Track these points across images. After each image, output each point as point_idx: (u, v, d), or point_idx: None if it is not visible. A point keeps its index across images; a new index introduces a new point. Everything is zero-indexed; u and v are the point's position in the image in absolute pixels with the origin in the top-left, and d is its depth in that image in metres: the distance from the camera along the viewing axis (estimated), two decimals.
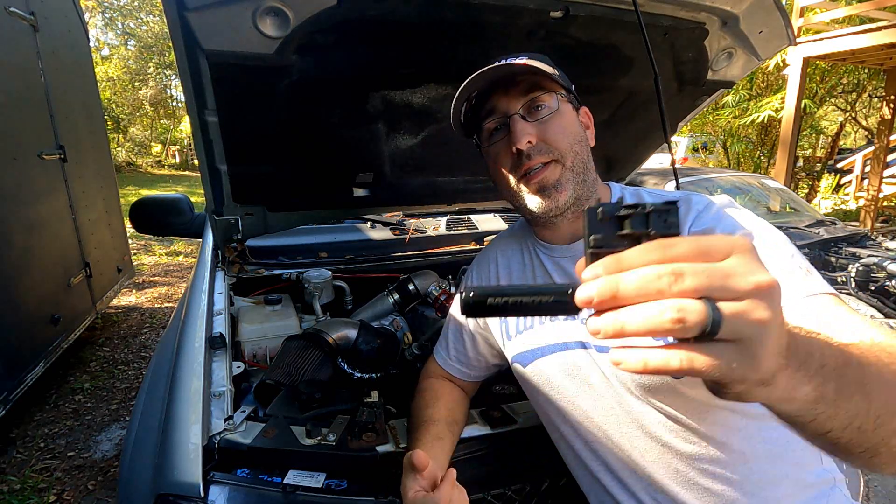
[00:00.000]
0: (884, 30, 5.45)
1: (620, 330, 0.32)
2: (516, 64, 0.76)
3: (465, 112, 0.84)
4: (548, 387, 0.80)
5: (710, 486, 0.68)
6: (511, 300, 0.37)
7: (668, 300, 0.31)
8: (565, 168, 0.77)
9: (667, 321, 0.30)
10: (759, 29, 1.31)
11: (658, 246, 0.32)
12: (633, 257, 0.33)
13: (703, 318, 0.30)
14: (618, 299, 0.32)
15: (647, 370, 0.32)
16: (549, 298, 0.36)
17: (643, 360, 0.33)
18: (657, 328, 0.30)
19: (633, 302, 0.32)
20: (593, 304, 0.33)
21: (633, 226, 0.35)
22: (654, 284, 0.31)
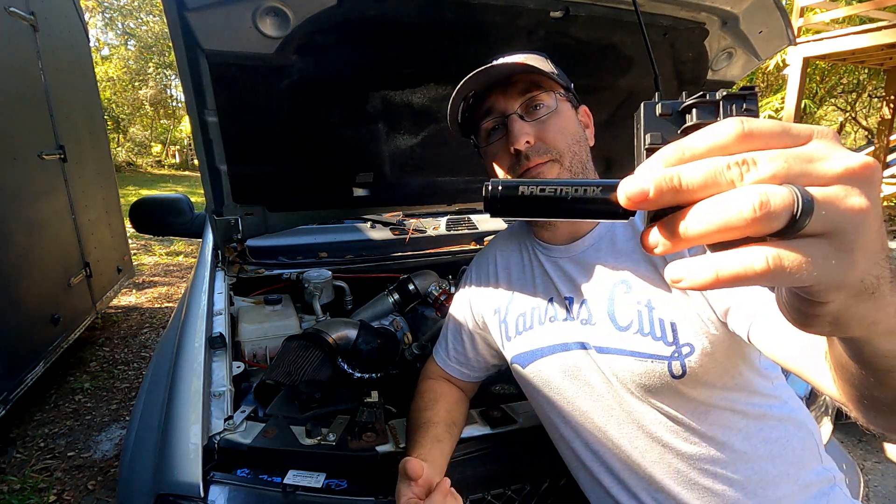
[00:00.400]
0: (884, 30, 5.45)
1: (684, 234, 0.26)
2: (513, 63, 0.76)
3: (463, 112, 0.84)
4: (547, 388, 0.80)
5: (710, 486, 0.68)
6: (548, 190, 0.30)
7: (750, 187, 0.24)
8: (563, 168, 0.76)
9: (746, 210, 0.23)
10: (758, 29, 1.31)
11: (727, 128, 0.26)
12: (697, 143, 0.26)
13: (790, 202, 0.23)
14: (680, 193, 0.26)
15: (722, 279, 0.25)
16: (596, 191, 0.29)
17: (714, 270, 0.25)
18: (733, 222, 0.24)
19: (700, 197, 0.26)
20: (649, 198, 0.26)
21: (701, 116, 0.29)
22: (725, 174, 0.25)
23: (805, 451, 0.72)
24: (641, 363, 0.68)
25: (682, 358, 0.66)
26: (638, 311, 0.70)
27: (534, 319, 0.83)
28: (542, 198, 0.30)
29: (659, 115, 0.30)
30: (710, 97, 0.29)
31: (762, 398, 0.71)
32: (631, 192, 0.27)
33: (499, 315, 0.89)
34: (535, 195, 0.30)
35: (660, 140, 0.30)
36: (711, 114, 0.29)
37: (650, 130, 0.30)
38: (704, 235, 0.25)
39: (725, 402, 0.69)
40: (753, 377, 0.72)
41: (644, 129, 0.30)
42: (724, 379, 0.68)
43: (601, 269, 0.76)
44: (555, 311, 0.80)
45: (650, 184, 0.26)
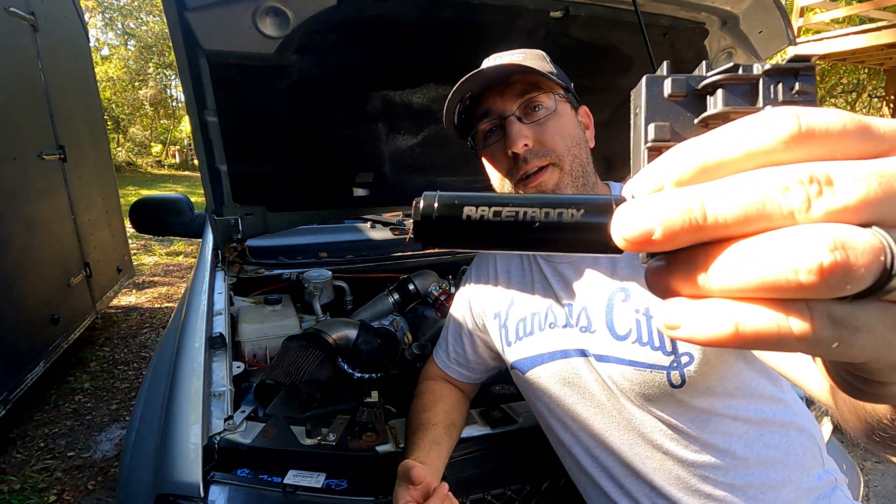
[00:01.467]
0: (884, 30, 5.45)
1: (704, 286, 0.17)
2: (510, 65, 0.74)
3: (459, 114, 0.82)
4: (548, 394, 0.79)
5: (712, 493, 0.67)
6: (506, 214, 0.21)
7: (816, 228, 0.15)
8: (563, 172, 0.75)
9: (806, 271, 0.15)
10: (758, 29, 1.31)
11: (776, 122, 0.17)
12: (728, 146, 0.17)
13: (879, 257, 0.15)
14: (704, 232, 0.17)
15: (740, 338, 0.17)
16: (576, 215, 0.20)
17: (734, 323, 0.17)
18: (784, 280, 0.15)
19: (732, 234, 0.17)
20: (653, 241, 0.18)
21: (730, 100, 0.20)
22: (780, 202, 0.16)
23: (807, 454, 0.72)
24: (640, 373, 0.67)
25: (681, 367, 0.65)
26: (636, 319, 0.69)
27: (534, 325, 0.82)
28: (497, 224, 0.21)
29: (668, 95, 0.21)
30: (744, 71, 0.20)
31: (765, 403, 0.71)
32: (629, 233, 0.18)
33: (499, 319, 0.88)
34: (487, 220, 0.21)
35: (668, 134, 0.21)
36: (746, 97, 0.20)
37: (655, 119, 0.21)
38: (735, 292, 0.17)
39: (726, 409, 0.68)
40: (758, 380, 0.71)
41: (646, 116, 0.21)
42: (724, 385, 0.68)
43: (600, 276, 0.75)
44: (554, 317, 0.80)
45: (657, 222, 0.17)
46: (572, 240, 0.21)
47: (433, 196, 0.22)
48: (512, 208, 0.21)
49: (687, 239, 0.17)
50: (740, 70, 0.20)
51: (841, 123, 0.17)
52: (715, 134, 0.18)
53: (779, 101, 0.20)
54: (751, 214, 0.16)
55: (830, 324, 0.16)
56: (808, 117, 0.17)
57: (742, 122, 0.18)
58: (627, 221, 0.18)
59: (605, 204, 0.20)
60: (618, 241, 0.19)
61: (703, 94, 0.21)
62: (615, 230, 0.19)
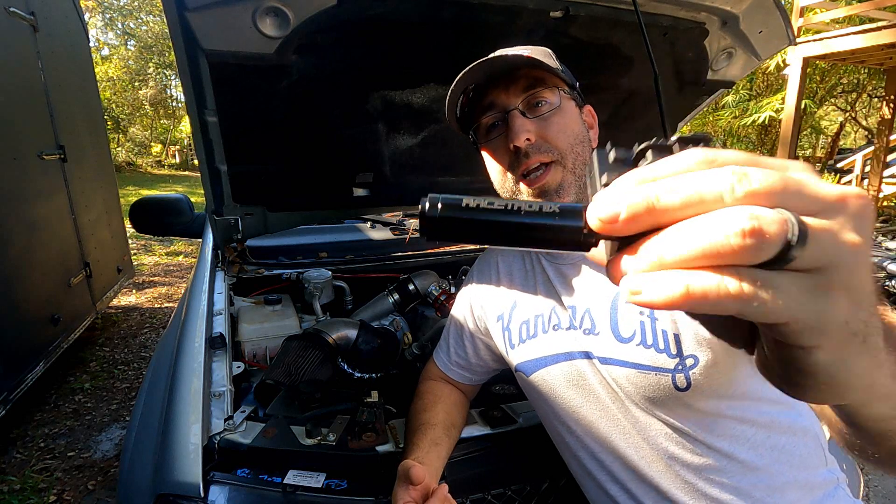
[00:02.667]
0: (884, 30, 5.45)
1: (660, 260, 0.22)
2: (517, 56, 0.73)
3: (462, 106, 0.81)
4: (552, 396, 0.78)
5: (718, 497, 0.67)
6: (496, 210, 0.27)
7: (738, 208, 0.21)
8: (566, 170, 0.74)
9: (735, 234, 0.20)
10: (758, 29, 1.31)
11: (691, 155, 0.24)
12: (662, 169, 0.24)
13: (784, 229, 0.20)
14: (656, 214, 0.22)
15: (692, 298, 0.21)
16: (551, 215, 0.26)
17: (684, 285, 0.21)
18: (719, 247, 0.20)
19: (679, 217, 0.22)
20: (619, 220, 0.23)
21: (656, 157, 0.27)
22: (711, 187, 0.22)
23: (810, 455, 0.71)
24: (645, 376, 0.67)
25: (687, 370, 0.64)
26: (640, 321, 0.68)
27: (537, 327, 0.81)
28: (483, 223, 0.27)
29: (612, 160, 0.29)
30: (662, 142, 0.27)
31: (770, 405, 0.70)
32: (602, 213, 0.23)
33: (502, 322, 0.87)
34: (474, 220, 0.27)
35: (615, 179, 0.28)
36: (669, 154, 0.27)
37: (605, 171, 0.28)
38: (683, 261, 0.22)
39: (733, 411, 0.67)
40: (763, 382, 0.70)
41: (598, 171, 0.28)
42: (731, 388, 0.67)
43: (604, 278, 0.73)
44: (558, 319, 0.79)
45: (622, 205, 0.23)
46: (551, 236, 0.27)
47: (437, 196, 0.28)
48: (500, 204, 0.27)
49: (644, 221, 0.23)
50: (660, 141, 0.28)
51: (737, 156, 0.23)
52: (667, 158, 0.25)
53: None
54: (692, 198, 0.22)
55: (755, 285, 0.21)
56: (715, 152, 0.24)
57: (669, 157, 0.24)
58: (601, 205, 0.24)
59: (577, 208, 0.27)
60: (593, 223, 0.24)
61: (638, 159, 0.28)
62: (592, 213, 0.24)
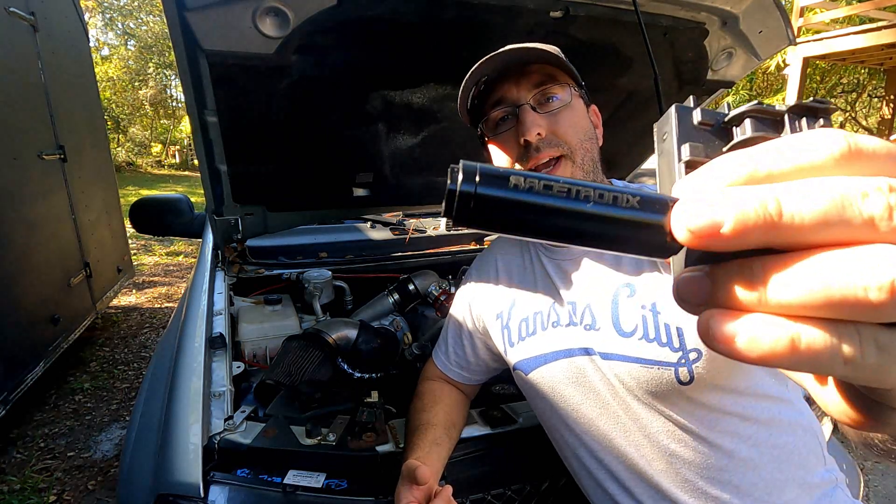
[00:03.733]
0: (884, 30, 5.45)
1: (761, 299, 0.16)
2: (530, 48, 0.73)
3: (472, 99, 0.81)
4: (552, 394, 0.78)
5: (718, 496, 0.67)
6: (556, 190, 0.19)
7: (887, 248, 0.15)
8: (575, 165, 0.74)
9: (877, 289, 0.14)
10: (758, 29, 1.31)
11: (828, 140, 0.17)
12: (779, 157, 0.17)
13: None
14: (776, 230, 0.16)
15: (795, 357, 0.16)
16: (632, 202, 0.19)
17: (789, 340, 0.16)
18: (850, 299, 0.15)
19: (804, 242, 0.16)
20: (722, 233, 0.16)
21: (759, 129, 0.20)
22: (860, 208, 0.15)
23: (810, 454, 0.72)
24: (647, 370, 0.66)
25: (690, 364, 0.64)
26: (643, 315, 0.68)
27: (537, 325, 0.81)
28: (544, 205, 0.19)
29: (698, 122, 0.21)
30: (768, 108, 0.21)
31: (772, 402, 0.70)
32: (697, 223, 0.17)
33: (501, 320, 0.87)
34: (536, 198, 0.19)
35: (702, 154, 0.21)
36: (772, 129, 0.20)
37: (687, 140, 0.21)
38: (793, 308, 0.16)
39: (735, 407, 0.67)
40: (765, 378, 0.70)
41: (678, 138, 0.21)
42: (733, 382, 0.67)
43: (604, 272, 0.74)
44: (557, 315, 0.79)
45: (727, 212, 0.16)
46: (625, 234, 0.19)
47: (474, 165, 0.19)
48: (564, 185, 0.19)
49: (757, 238, 0.16)
50: (765, 106, 0.21)
51: (886, 148, 0.17)
52: (765, 146, 0.17)
53: None
54: (830, 217, 0.15)
55: (876, 349, 0.16)
56: (857, 138, 0.16)
57: (793, 137, 0.17)
58: (695, 211, 0.17)
59: (661, 199, 0.19)
60: (680, 233, 0.17)
61: (730, 127, 0.21)
62: (679, 220, 0.17)
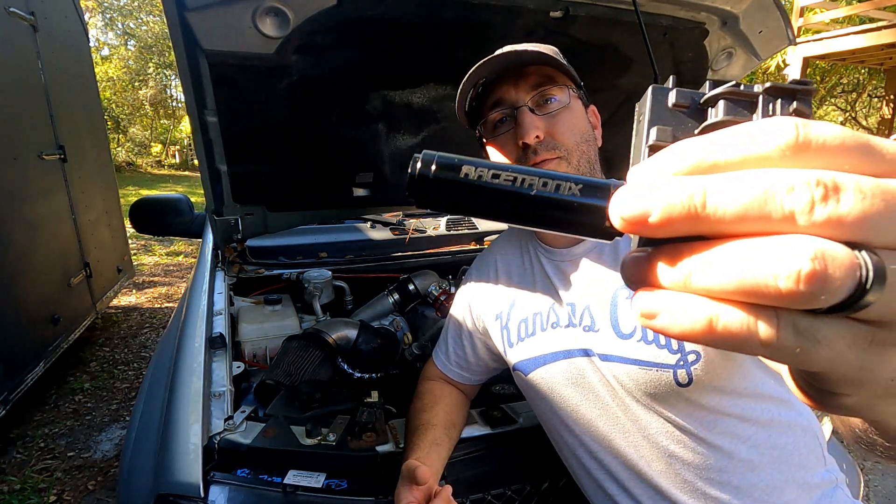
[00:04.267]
0: (884, 30, 5.45)
1: (686, 282, 0.17)
2: (528, 51, 0.73)
3: (471, 101, 0.81)
4: (551, 395, 0.78)
5: (717, 496, 0.67)
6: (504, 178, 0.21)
7: (799, 238, 0.16)
8: (570, 166, 0.74)
9: (786, 278, 0.15)
10: (758, 29, 1.31)
11: (775, 130, 0.17)
12: (727, 146, 0.17)
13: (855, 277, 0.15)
14: (701, 222, 0.17)
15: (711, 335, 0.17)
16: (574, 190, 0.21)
17: (707, 320, 0.17)
18: (761, 288, 0.16)
19: (727, 231, 0.17)
20: (650, 224, 0.17)
21: (731, 112, 0.20)
22: (783, 201, 0.16)
23: (810, 454, 0.72)
24: (646, 372, 0.67)
25: (688, 366, 0.64)
26: None
27: (536, 325, 0.81)
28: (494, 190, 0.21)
29: (672, 105, 0.22)
30: (745, 88, 0.21)
31: (772, 403, 0.70)
32: (628, 212, 0.18)
33: (500, 321, 0.87)
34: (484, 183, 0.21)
35: (669, 137, 0.21)
36: (745, 111, 0.21)
37: (658, 123, 0.21)
38: (713, 292, 0.17)
39: (734, 408, 0.67)
40: (765, 380, 0.70)
41: (649, 120, 0.21)
42: (732, 384, 0.67)
43: (604, 273, 0.74)
44: (557, 316, 0.79)
45: (657, 204, 0.17)
46: (566, 217, 0.21)
47: (432, 154, 0.22)
48: (511, 174, 0.21)
49: (682, 227, 0.17)
50: (742, 87, 0.21)
51: (840, 139, 0.17)
52: (714, 135, 0.18)
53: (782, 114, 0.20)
54: (750, 212, 0.16)
55: (794, 333, 0.17)
56: (808, 128, 0.17)
57: (741, 127, 0.18)
58: (627, 201, 0.18)
59: (603, 185, 0.21)
60: (615, 220, 0.19)
61: (705, 108, 0.22)
62: (614, 208, 0.19)
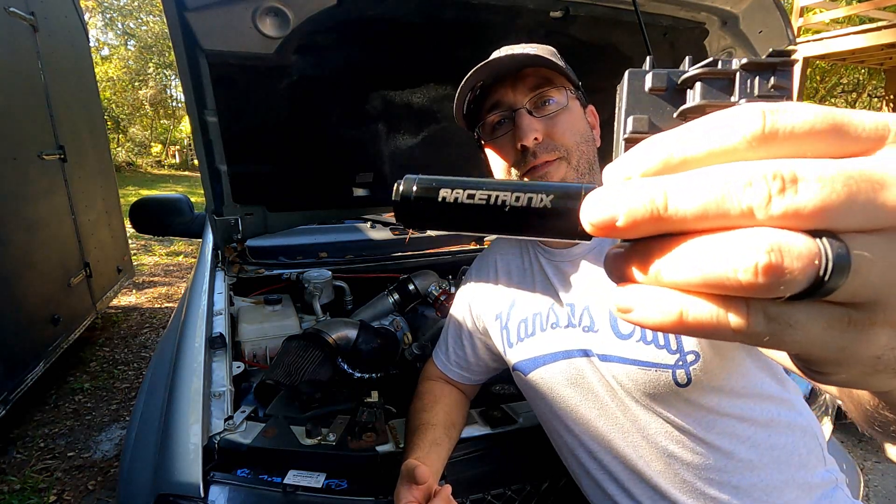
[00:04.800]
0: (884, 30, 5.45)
1: (656, 276, 0.18)
2: (525, 55, 0.73)
3: (468, 103, 0.81)
4: (551, 395, 0.78)
5: (716, 496, 0.67)
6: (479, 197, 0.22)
7: (755, 232, 0.16)
8: (570, 167, 0.74)
9: (744, 270, 0.16)
10: (758, 29, 1.31)
11: (739, 120, 0.17)
12: (692, 142, 0.18)
13: (814, 267, 0.15)
14: (663, 223, 0.17)
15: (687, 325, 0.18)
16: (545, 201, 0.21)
17: (679, 310, 0.18)
18: (722, 281, 0.16)
19: (689, 228, 0.17)
20: (617, 228, 0.18)
21: (707, 94, 0.20)
22: (739, 198, 0.16)
23: (810, 454, 0.72)
24: (645, 372, 0.67)
25: (687, 366, 0.64)
26: None
27: (535, 326, 0.81)
28: (471, 207, 0.22)
29: (649, 89, 0.21)
30: (723, 65, 0.20)
31: (771, 403, 0.70)
32: (595, 218, 0.19)
33: (500, 321, 0.87)
34: (461, 203, 0.22)
35: (645, 126, 0.21)
36: (723, 91, 0.20)
37: (634, 112, 0.21)
38: (682, 285, 0.17)
39: (733, 408, 0.67)
40: (764, 379, 0.71)
41: (625, 108, 0.21)
42: (731, 384, 0.67)
43: (603, 274, 0.74)
44: (556, 317, 0.79)
45: (619, 207, 0.18)
46: (541, 225, 0.22)
47: (413, 179, 0.23)
48: (485, 192, 0.22)
49: (648, 228, 0.18)
50: (719, 64, 0.20)
51: (810, 123, 0.17)
52: (681, 130, 0.18)
53: (754, 96, 0.20)
54: (709, 210, 0.16)
55: (765, 319, 0.17)
56: (775, 116, 0.17)
57: (707, 119, 0.18)
58: (594, 208, 0.19)
59: (574, 191, 0.21)
60: (585, 226, 0.19)
61: (684, 88, 0.21)
62: (583, 215, 0.19)
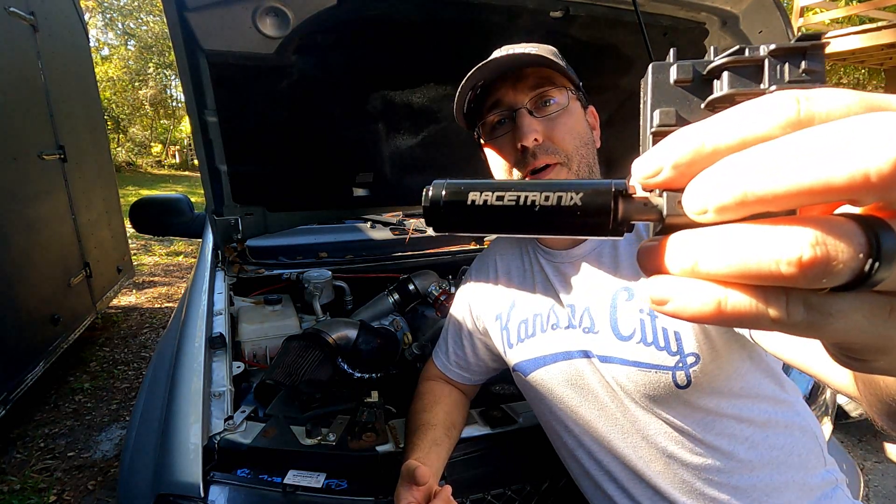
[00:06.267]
0: (884, 30, 5.45)
1: (693, 269, 0.18)
2: (526, 54, 0.72)
3: (469, 102, 0.80)
4: (550, 396, 0.78)
5: (716, 497, 0.67)
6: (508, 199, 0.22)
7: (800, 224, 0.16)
8: (570, 172, 0.73)
9: (786, 263, 0.16)
10: (758, 29, 1.31)
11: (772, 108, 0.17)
12: (722, 132, 0.17)
13: (859, 260, 0.15)
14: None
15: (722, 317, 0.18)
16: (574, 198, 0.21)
17: (716, 300, 0.18)
18: (763, 272, 0.16)
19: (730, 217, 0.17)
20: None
21: (735, 83, 0.20)
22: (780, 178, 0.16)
23: (809, 455, 0.72)
24: (645, 374, 0.67)
25: (687, 368, 0.64)
26: (640, 319, 0.68)
27: (536, 326, 0.81)
28: (500, 209, 0.22)
29: (674, 81, 0.21)
30: (750, 53, 0.19)
31: (770, 403, 0.70)
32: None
33: (500, 322, 0.87)
34: (491, 205, 0.22)
35: (673, 119, 0.21)
36: (752, 79, 0.19)
37: (661, 105, 0.21)
38: (721, 276, 0.17)
39: (732, 409, 0.67)
40: (763, 381, 0.71)
41: (651, 102, 0.21)
42: (730, 385, 0.67)
43: (603, 275, 0.74)
44: (556, 318, 0.79)
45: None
46: (572, 223, 0.22)
47: (441, 184, 0.23)
48: (514, 193, 0.22)
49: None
50: (746, 52, 0.20)
51: (846, 107, 0.16)
52: (712, 120, 0.18)
53: (785, 82, 0.19)
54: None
55: (805, 310, 0.17)
56: (810, 102, 0.16)
57: (739, 108, 0.18)
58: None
59: (604, 188, 0.21)
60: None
61: (710, 79, 0.21)
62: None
